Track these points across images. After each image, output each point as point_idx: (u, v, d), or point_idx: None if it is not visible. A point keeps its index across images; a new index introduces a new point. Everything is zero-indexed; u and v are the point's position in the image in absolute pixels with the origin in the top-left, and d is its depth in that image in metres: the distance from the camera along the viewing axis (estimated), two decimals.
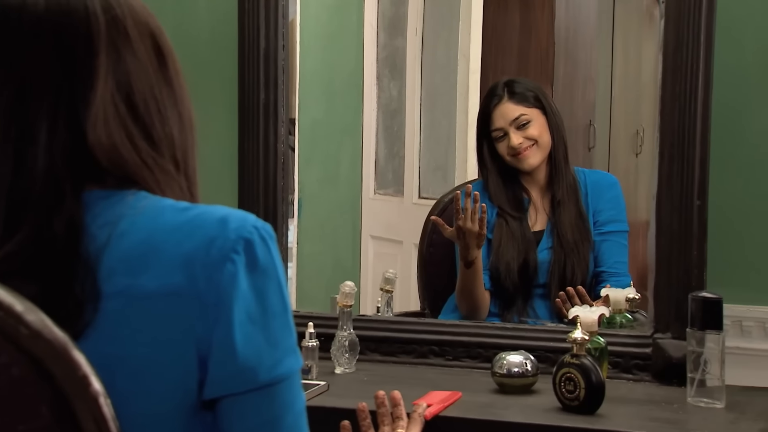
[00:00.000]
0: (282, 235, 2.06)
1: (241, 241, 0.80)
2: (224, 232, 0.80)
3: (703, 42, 1.79)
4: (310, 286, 2.63)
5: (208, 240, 0.80)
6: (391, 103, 2.84)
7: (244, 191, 2.05)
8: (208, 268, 0.79)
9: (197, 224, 0.81)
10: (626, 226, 2.13)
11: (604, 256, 2.09)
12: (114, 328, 0.78)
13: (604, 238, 2.10)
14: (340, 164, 2.86)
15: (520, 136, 2.09)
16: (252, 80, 2.02)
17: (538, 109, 2.11)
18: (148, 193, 0.84)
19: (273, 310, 0.81)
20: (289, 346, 0.83)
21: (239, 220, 0.82)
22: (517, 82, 2.15)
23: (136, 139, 0.84)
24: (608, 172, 2.80)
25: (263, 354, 0.80)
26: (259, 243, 0.81)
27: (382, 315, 2.12)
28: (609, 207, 2.12)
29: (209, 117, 2.10)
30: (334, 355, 1.89)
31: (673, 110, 1.81)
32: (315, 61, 2.74)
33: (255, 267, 0.81)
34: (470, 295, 2.09)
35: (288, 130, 2.11)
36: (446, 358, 1.97)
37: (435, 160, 2.78)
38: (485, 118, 2.13)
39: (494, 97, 2.12)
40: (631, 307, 1.98)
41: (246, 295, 0.80)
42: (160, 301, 0.79)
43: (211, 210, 0.83)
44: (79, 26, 0.83)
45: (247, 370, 0.79)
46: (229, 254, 0.80)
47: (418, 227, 2.37)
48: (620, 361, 1.86)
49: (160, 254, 0.79)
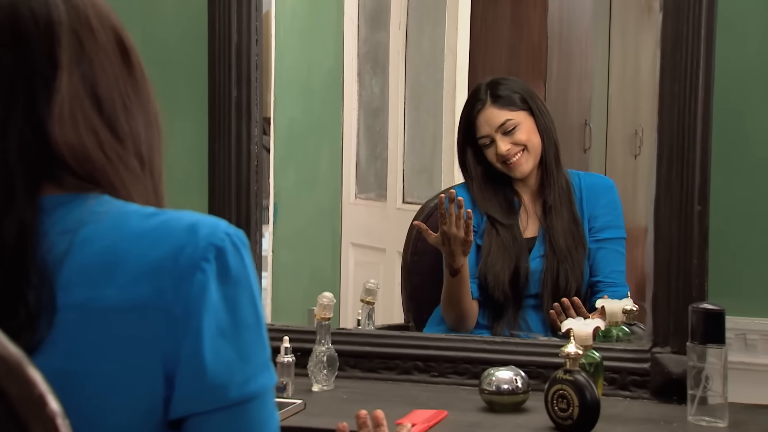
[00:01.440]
0: (256, 243, 2.06)
1: (212, 248, 0.80)
2: (194, 240, 0.80)
3: (704, 38, 1.81)
4: (286, 298, 2.63)
5: (176, 248, 0.80)
6: (373, 102, 2.84)
7: (214, 196, 2.05)
8: (176, 278, 0.79)
9: (164, 232, 0.81)
10: (623, 232, 2.14)
11: (599, 265, 2.11)
12: (71, 343, 0.78)
13: (600, 246, 2.12)
14: (319, 167, 2.86)
15: (507, 142, 2.09)
16: (223, 77, 2.02)
17: (525, 111, 2.12)
18: (111, 198, 0.84)
19: (245, 322, 0.81)
20: (263, 362, 0.83)
21: (210, 227, 0.82)
22: (501, 83, 2.14)
23: (101, 135, 0.84)
24: (605, 174, 2.82)
25: (234, 369, 0.80)
26: (232, 251, 0.81)
27: (363, 328, 2.12)
28: (605, 212, 2.13)
29: (177, 116, 2.10)
30: (311, 371, 1.89)
31: (672, 110, 1.83)
32: (291, 57, 2.75)
33: (227, 276, 0.81)
34: (457, 305, 2.10)
35: (262, 131, 2.11)
36: (431, 374, 1.97)
37: (420, 163, 2.79)
38: (469, 124, 2.13)
39: (477, 103, 2.12)
40: (629, 320, 1.99)
41: (216, 306, 0.80)
42: (124, 315, 0.78)
43: (180, 216, 0.83)
44: (39, 14, 0.83)
45: (216, 388, 0.79)
46: (199, 263, 0.80)
47: (402, 234, 2.37)
48: (616, 377, 1.87)
49: (125, 264, 0.79)
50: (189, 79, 2.09)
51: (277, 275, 2.63)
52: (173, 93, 2.10)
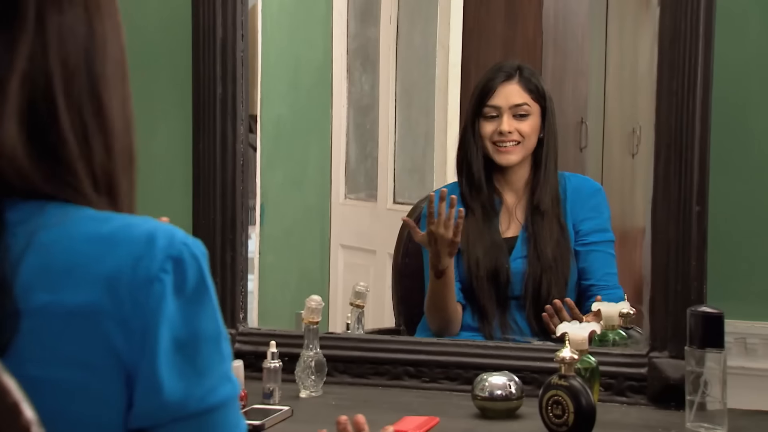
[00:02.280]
0: (242, 245, 2.07)
1: (170, 260, 0.81)
2: (151, 250, 0.80)
3: (702, 33, 1.82)
4: (273, 301, 2.63)
5: (134, 258, 0.80)
6: (363, 99, 2.84)
7: (199, 196, 2.05)
8: (134, 288, 0.79)
9: (121, 238, 0.81)
10: (611, 235, 2.15)
11: (591, 268, 2.11)
12: (34, 349, 0.78)
13: (590, 249, 2.12)
14: (307, 166, 2.86)
15: (513, 124, 2.11)
16: (208, 73, 2.02)
17: (539, 108, 2.13)
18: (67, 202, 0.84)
19: (204, 335, 0.82)
20: (223, 374, 0.83)
21: (167, 237, 0.82)
22: (530, 70, 2.18)
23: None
24: (602, 173, 2.83)
25: (192, 386, 0.81)
26: (190, 261, 0.81)
27: (352, 332, 2.12)
28: (591, 216, 2.14)
29: (160, 114, 2.10)
30: (298, 377, 1.89)
31: (670, 108, 1.83)
32: (279, 53, 2.75)
33: (185, 288, 0.81)
34: (442, 309, 2.10)
35: (248, 128, 2.12)
36: (422, 379, 1.98)
37: (411, 162, 2.79)
38: (485, 93, 2.13)
39: (502, 74, 2.14)
40: (625, 323, 1.99)
41: (174, 319, 0.80)
42: (82, 319, 0.79)
43: (136, 223, 0.83)
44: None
45: (173, 403, 0.80)
46: (157, 274, 0.80)
47: (393, 235, 2.37)
48: (613, 382, 1.88)
49: (81, 268, 0.80)
50: (172, 75, 2.09)
51: (263, 278, 2.63)
52: (156, 90, 2.10)
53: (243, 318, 2.07)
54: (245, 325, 2.07)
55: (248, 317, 2.10)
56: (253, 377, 1.88)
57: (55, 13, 0.83)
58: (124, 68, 0.89)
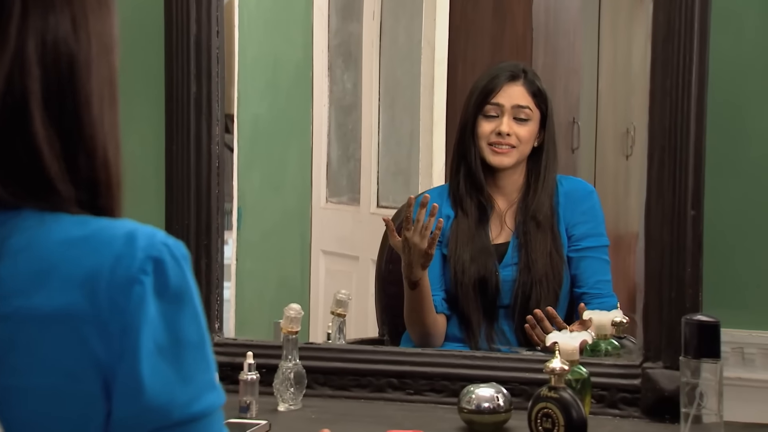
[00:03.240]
0: (218, 251, 2.06)
1: (150, 260, 0.80)
2: (131, 250, 0.80)
3: (697, 29, 1.82)
4: (250, 310, 2.63)
5: (113, 258, 0.80)
6: (345, 98, 2.85)
7: (172, 200, 2.04)
8: (112, 290, 0.79)
9: (100, 239, 0.81)
10: (606, 240, 2.15)
11: (584, 276, 2.11)
12: (9, 357, 0.78)
13: (583, 255, 2.12)
14: (286, 168, 2.86)
15: (513, 125, 2.11)
16: (181, 71, 2.01)
17: (540, 114, 2.14)
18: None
19: (187, 340, 0.82)
20: (208, 381, 0.83)
21: (148, 237, 0.82)
22: (533, 72, 2.19)
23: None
24: (594, 176, 2.84)
25: (175, 390, 0.80)
26: (171, 263, 0.82)
27: (334, 342, 2.12)
28: (584, 220, 2.14)
29: (132, 114, 2.09)
30: (277, 389, 1.89)
31: (664, 108, 1.84)
32: (256, 49, 2.75)
33: (166, 291, 0.81)
34: (418, 322, 2.10)
35: (224, 129, 2.11)
36: (407, 391, 1.98)
37: (396, 164, 2.79)
38: (488, 90, 2.14)
39: (507, 73, 2.15)
40: (618, 333, 2.00)
41: (155, 322, 0.80)
42: (59, 324, 0.78)
43: (115, 224, 0.83)
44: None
45: (156, 409, 0.79)
46: (137, 275, 0.80)
47: (376, 240, 2.37)
48: (605, 394, 1.88)
49: (57, 271, 0.79)
50: (144, 73, 2.09)
51: (240, 285, 2.63)
52: (127, 89, 2.09)
53: (219, 328, 2.06)
54: (221, 335, 2.06)
55: (224, 327, 2.10)
56: (229, 390, 1.85)
57: (38, 30, 0.83)
58: (113, 88, 0.88)
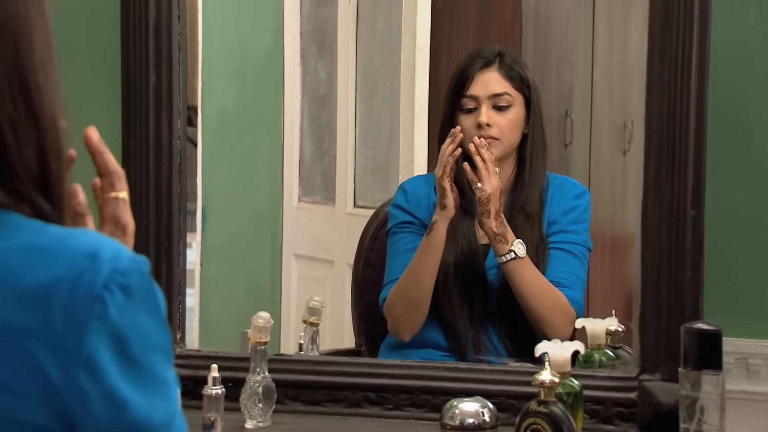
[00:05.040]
0: (180, 255, 2.06)
1: (115, 278, 0.81)
2: (94, 266, 0.81)
3: (697, 15, 1.83)
4: (215, 319, 2.63)
5: (74, 273, 0.80)
6: (319, 89, 2.85)
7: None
8: (70, 308, 0.79)
9: (60, 250, 0.81)
10: (586, 241, 2.14)
11: (551, 265, 2.10)
12: None
13: (557, 247, 2.12)
14: (255, 165, 2.86)
15: (492, 116, 2.10)
16: (139, 59, 2.01)
17: (523, 98, 2.13)
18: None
19: (149, 364, 0.83)
20: (170, 414, 0.85)
21: (112, 252, 0.82)
22: (512, 56, 2.18)
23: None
24: (589, 173, 2.86)
25: (154, 399, 0.83)
26: (137, 282, 0.82)
27: (306, 354, 2.12)
28: (569, 221, 2.14)
29: (84, 106, 2.09)
30: (244, 405, 1.89)
31: (662, 99, 1.85)
32: (222, 36, 2.75)
33: (130, 310, 0.81)
34: (417, 281, 2.09)
35: (187, 122, 2.11)
36: (385, 406, 1.98)
37: (374, 160, 2.80)
38: (461, 82, 2.14)
39: (480, 60, 2.14)
40: (613, 342, 2.00)
41: (117, 344, 0.81)
42: (4, 338, 0.79)
43: (76, 235, 0.83)
44: None
45: (143, 426, 0.81)
46: (99, 293, 0.80)
47: (353, 243, 2.38)
48: (599, 408, 1.89)
49: (8, 281, 0.80)
50: (99, 62, 2.09)
51: (205, 292, 2.63)
52: (80, 79, 2.09)
53: (181, 338, 2.06)
54: (183, 346, 2.06)
55: (187, 337, 2.10)
56: (192, 406, 1.86)
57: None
58: (52, 51, 0.89)
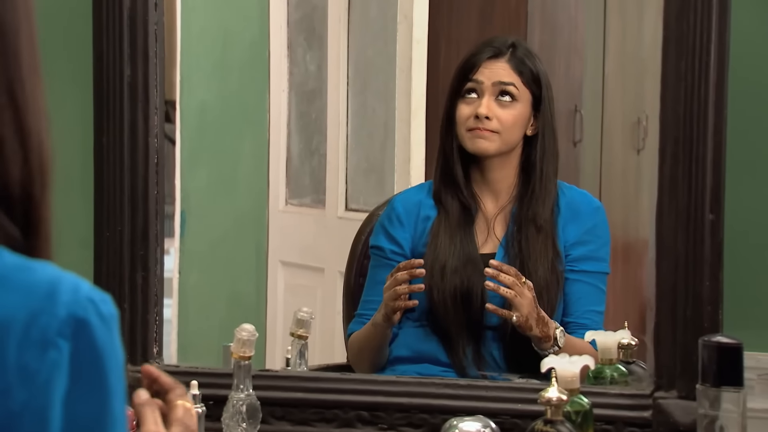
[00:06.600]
0: (156, 262, 2.06)
1: (72, 321, 0.80)
2: (51, 306, 0.80)
3: (716, 4, 1.83)
4: (195, 332, 2.63)
5: (29, 312, 0.79)
6: (308, 82, 2.85)
7: (102, 202, 2.04)
8: (23, 351, 0.78)
9: (13, 283, 0.80)
10: (607, 267, 2.15)
11: (573, 302, 2.11)
12: None
13: (577, 279, 2.13)
14: (239, 164, 2.86)
15: (493, 107, 2.10)
16: (113, 51, 2.01)
17: (531, 95, 2.13)
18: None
19: (108, 418, 0.81)
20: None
21: (71, 291, 0.81)
22: (527, 49, 2.19)
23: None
24: (600, 173, 2.85)
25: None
26: (97, 325, 0.81)
27: (293, 369, 2.12)
28: (587, 240, 2.14)
29: (54, 101, 2.07)
30: (226, 424, 1.89)
31: (678, 94, 1.85)
32: (202, 25, 2.75)
33: (87, 359, 0.80)
34: (367, 352, 2.18)
35: (164, 118, 2.11)
36: (379, 426, 1.98)
37: (367, 160, 2.80)
38: (467, 68, 2.15)
39: (491, 49, 2.15)
40: (626, 357, 2.00)
41: (70, 397, 0.79)
42: None
43: (33, 267, 0.82)
44: None
45: None
46: (54, 339, 0.79)
47: (345, 249, 2.38)
48: (611, 428, 1.89)
49: None
50: (69, 54, 2.09)
51: (184, 303, 2.62)
52: (49, 72, 2.08)
53: (157, 353, 2.06)
54: (160, 362, 2.06)
55: (164, 351, 2.09)
56: None
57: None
58: (38, 58, 0.90)
